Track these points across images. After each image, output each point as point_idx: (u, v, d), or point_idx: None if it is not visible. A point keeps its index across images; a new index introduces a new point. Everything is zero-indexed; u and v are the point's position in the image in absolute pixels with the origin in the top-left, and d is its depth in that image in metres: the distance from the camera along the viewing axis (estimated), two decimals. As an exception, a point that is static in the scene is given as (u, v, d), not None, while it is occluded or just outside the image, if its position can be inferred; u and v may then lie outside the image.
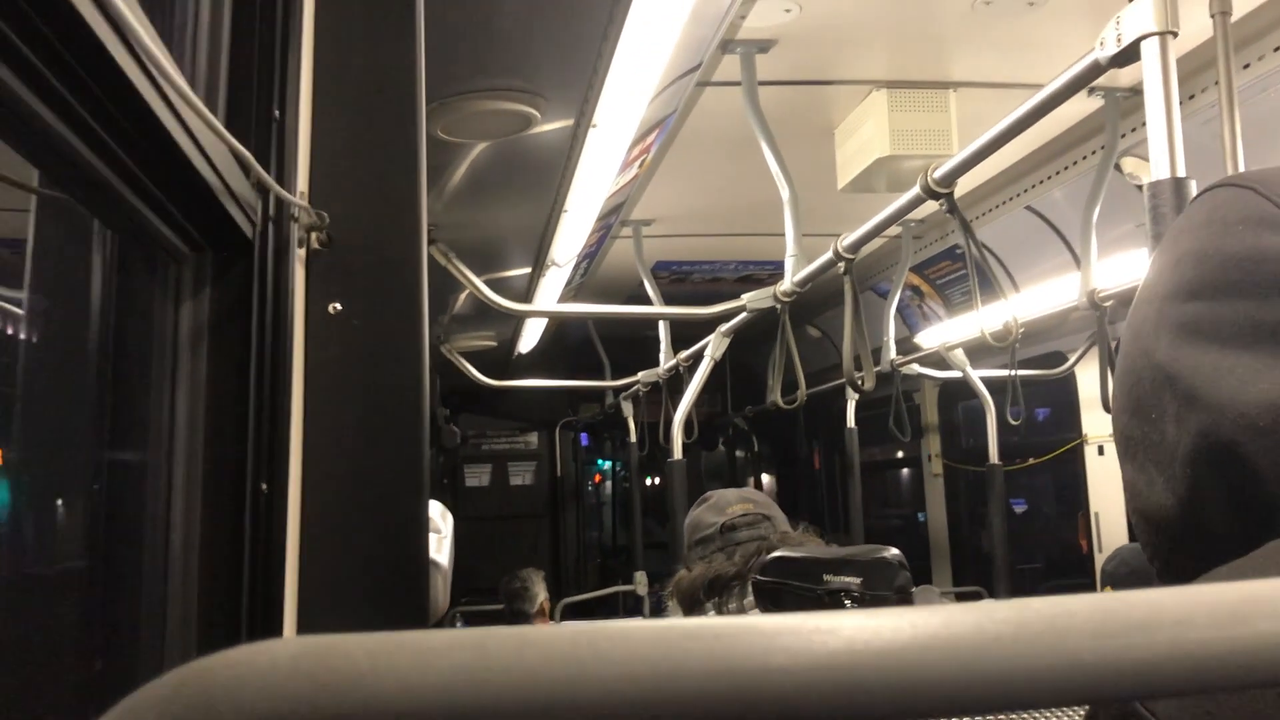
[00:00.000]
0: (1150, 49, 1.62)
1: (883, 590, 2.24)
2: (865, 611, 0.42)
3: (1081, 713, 1.68)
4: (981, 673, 0.41)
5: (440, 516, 2.06)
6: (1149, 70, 1.63)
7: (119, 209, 0.94)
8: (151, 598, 1.08)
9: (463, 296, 4.25)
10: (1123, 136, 3.30)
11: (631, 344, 5.87)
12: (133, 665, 1.09)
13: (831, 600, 2.19)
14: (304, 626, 1.21)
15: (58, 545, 1.13)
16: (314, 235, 1.23)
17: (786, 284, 3.10)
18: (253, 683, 0.40)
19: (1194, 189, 1.58)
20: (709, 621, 0.41)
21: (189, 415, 1.07)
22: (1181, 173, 1.60)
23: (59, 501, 1.13)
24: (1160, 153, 1.61)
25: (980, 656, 0.41)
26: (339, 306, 1.26)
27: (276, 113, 1.15)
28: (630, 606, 6.47)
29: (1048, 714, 1.66)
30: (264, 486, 1.11)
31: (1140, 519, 0.76)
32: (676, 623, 0.41)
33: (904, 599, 2.25)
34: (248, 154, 0.98)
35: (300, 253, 1.23)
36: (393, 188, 1.31)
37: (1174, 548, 0.74)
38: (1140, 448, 0.75)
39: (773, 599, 2.21)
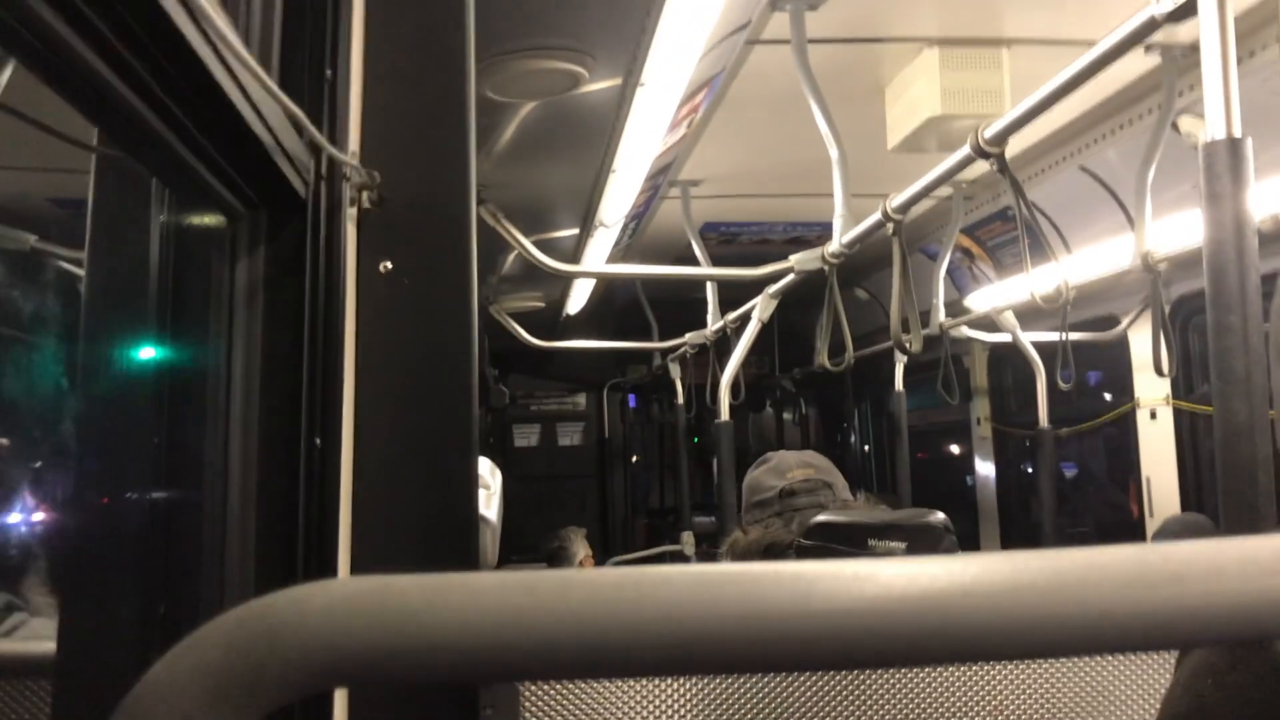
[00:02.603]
0: (1207, 3, 1.59)
1: (929, 555, 2.25)
2: (904, 559, 0.43)
3: (1158, 658, 1.68)
4: (1013, 620, 0.42)
5: (489, 473, 2.09)
6: (1206, 25, 1.60)
7: (175, 167, 0.96)
8: (211, 549, 1.11)
9: (511, 257, 4.27)
10: (1180, 95, 3.23)
11: (679, 306, 5.87)
12: (193, 613, 1.13)
13: (876, 564, 2.19)
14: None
15: (121, 498, 1.17)
16: (365, 194, 1.24)
17: (834, 245, 3.08)
18: (313, 618, 0.42)
19: (1250, 149, 1.55)
20: (749, 566, 0.43)
21: (245, 371, 1.10)
22: (1238, 133, 1.57)
23: (122, 455, 1.17)
24: (1216, 112, 1.59)
25: (1012, 605, 0.42)
26: (389, 265, 1.28)
27: (329, 73, 1.17)
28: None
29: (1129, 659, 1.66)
30: (318, 441, 1.13)
31: None
32: (717, 568, 0.43)
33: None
34: (300, 113, 1.00)
35: (352, 212, 1.25)
36: (443, 147, 1.32)
37: None
38: None
39: (817, 562, 2.22)
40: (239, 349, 1.11)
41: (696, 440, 7.62)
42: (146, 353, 1.16)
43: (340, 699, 1.20)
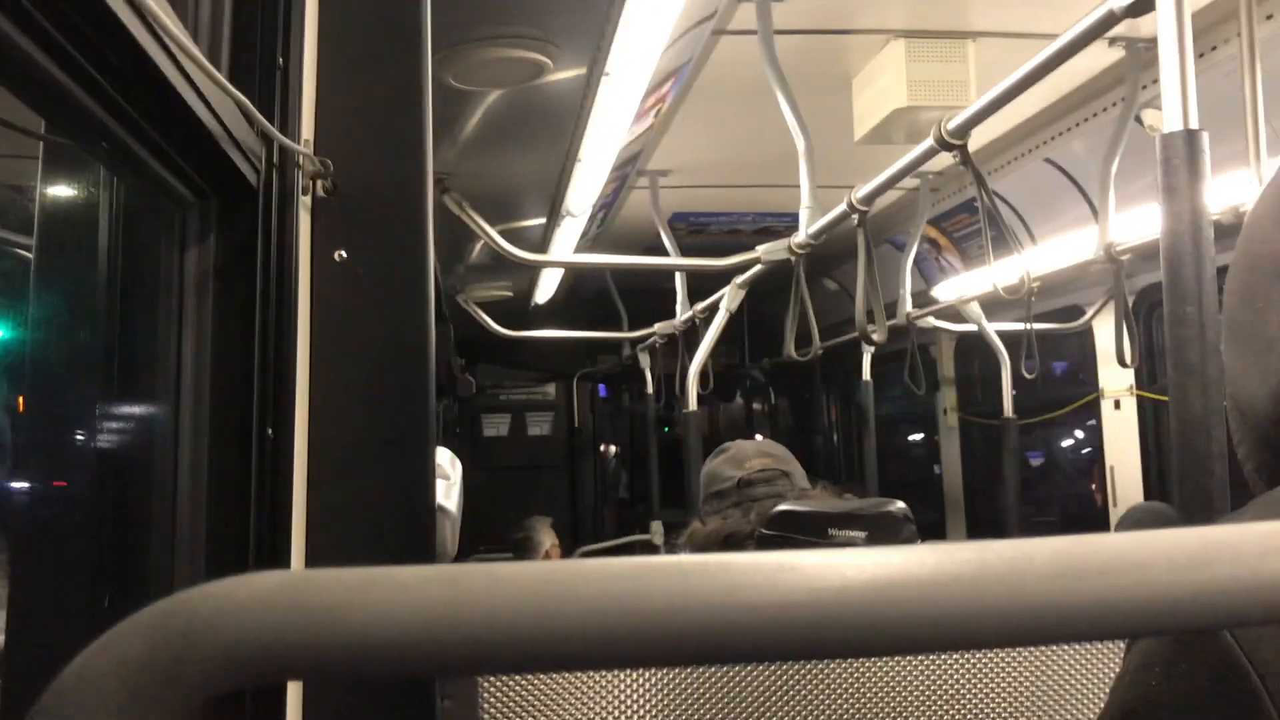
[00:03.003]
0: (1165, -3, 1.61)
1: (888, 544, 2.26)
2: (832, 551, 0.43)
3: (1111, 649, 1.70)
4: (938, 613, 0.41)
5: (449, 464, 2.08)
6: (1163, 17, 1.61)
7: (122, 156, 0.95)
8: (160, 542, 1.10)
9: (478, 246, 4.25)
10: (1144, 88, 3.25)
11: (649, 296, 5.87)
12: (140, 607, 1.11)
13: (837, 554, 2.20)
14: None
15: (68, 490, 1.15)
16: (319, 183, 1.23)
17: (801, 236, 3.09)
18: (232, 613, 0.41)
19: (1206, 142, 1.57)
20: (678, 559, 0.42)
21: (195, 360, 1.09)
22: (1195, 125, 1.58)
23: (69, 447, 1.15)
24: (1173, 104, 1.60)
25: (938, 597, 0.41)
26: (344, 254, 1.27)
27: (280, 60, 1.16)
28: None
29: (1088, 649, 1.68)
30: (270, 432, 1.12)
31: (1233, 407, 0.77)
32: (648, 561, 0.42)
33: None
34: (249, 103, 0.99)
35: (306, 200, 1.23)
36: (399, 135, 1.31)
37: (1259, 442, 0.75)
38: (1243, 334, 0.76)
39: (778, 553, 2.22)
40: (189, 338, 1.10)
41: (667, 430, 7.64)
42: (95, 342, 1.15)
43: (294, 691, 1.19)
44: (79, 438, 1.15)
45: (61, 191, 1.17)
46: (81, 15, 0.74)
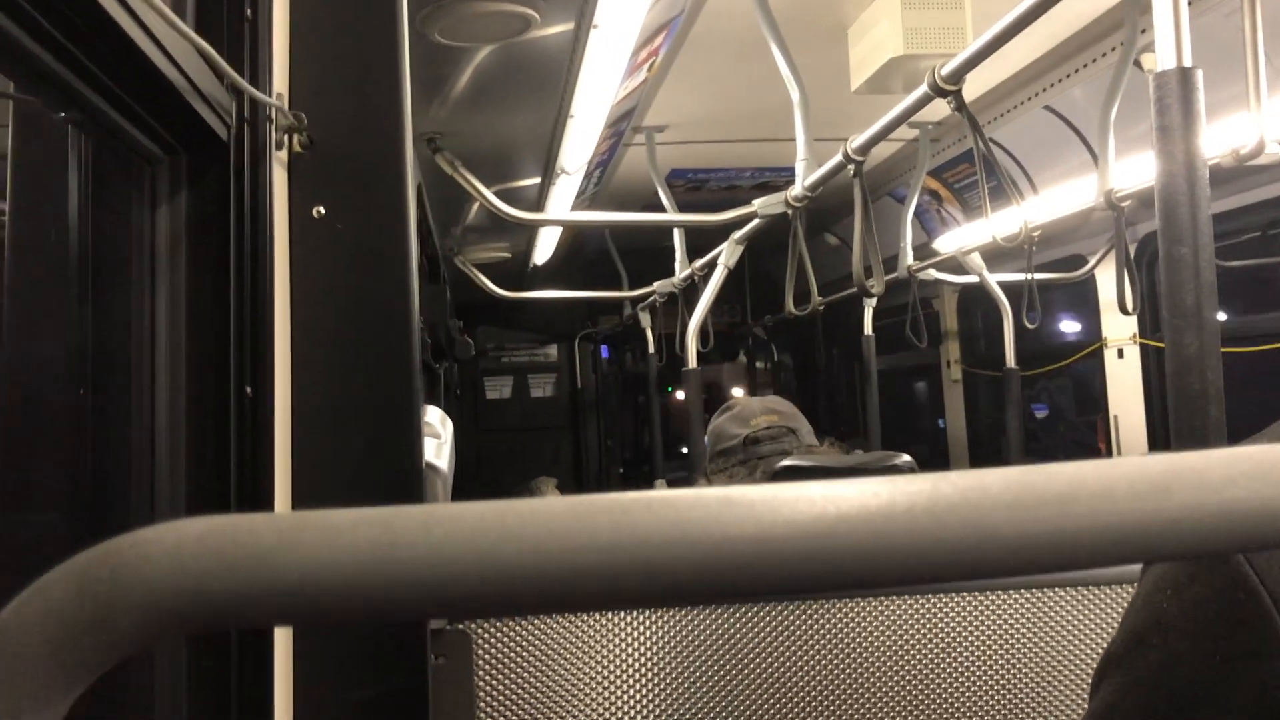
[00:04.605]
0: (1158, -69, 1.57)
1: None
2: (781, 486, 0.41)
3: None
4: (892, 547, 0.40)
5: (440, 422, 2.07)
6: (1157, -45, 1.57)
7: (84, 112, 0.93)
8: (139, 503, 1.09)
9: (475, 207, 4.23)
10: (1143, 32, 3.20)
11: (649, 255, 5.84)
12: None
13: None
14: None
15: (46, 452, 1.14)
16: (294, 138, 1.21)
17: (797, 189, 3.06)
18: (159, 560, 0.40)
19: (1200, 80, 1.54)
20: (617, 496, 0.41)
21: (169, 319, 1.08)
22: (1188, 62, 1.55)
23: (46, 409, 1.14)
24: (1166, 42, 1.57)
25: (891, 530, 0.40)
26: (322, 210, 1.25)
27: (249, 11, 1.13)
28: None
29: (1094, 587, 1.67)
30: (248, 390, 1.11)
31: None
32: (586, 499, 0.41)
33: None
34: (214, 53, 0.97)
35: (281, 155, 1.21)
36: (375, 87, 1.29)
37: None
38: None
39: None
40: (163, 297, 1.08)
41: (670, 389, 7.63)
42: (70, 303, 1.13)
43: (282, 639, 1.18)
44: (58, 399, 1.14)
45: (33, 151, 1.15)
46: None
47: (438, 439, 1.76)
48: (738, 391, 8.24)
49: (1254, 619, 0.66)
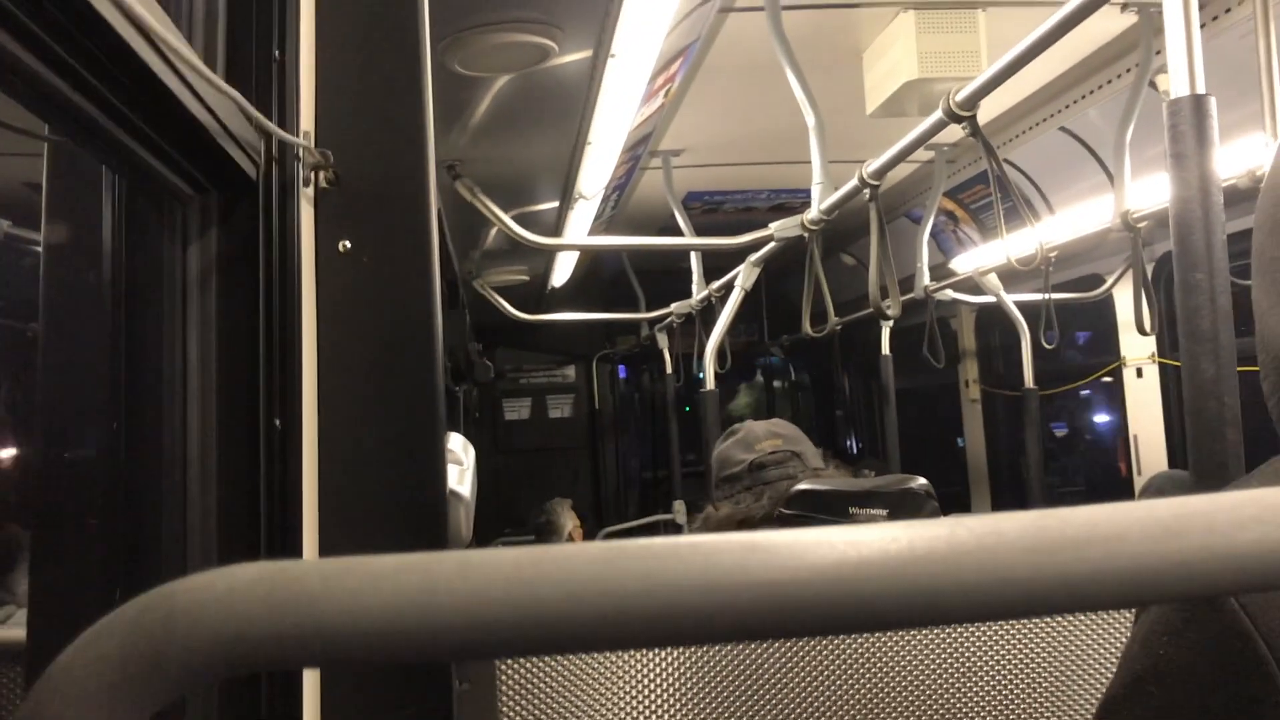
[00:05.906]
0: (1170, -42, 1.59)
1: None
2: (802, 531, 0.43)
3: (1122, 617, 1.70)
4: (911, 590, 0.42)
5: (462, 449, 2.09)
6: (1169, -18, 1.59)
7: (119, 155, 0.95)
8: (171, 536, 1.11)
9: (493, 232, 4.26)
10: (1157, 53, 3.22)
11: (666, 276, 5.87)
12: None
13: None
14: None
15: (80, 486, 1.17)
16: (321, 174, 1.24)
17: (813, 212, 3.08)
18: (211, 606, 0.42)
19: (1214, 107, 1.55)
20: (644, 542, 0.43)
21: (200, 353, 1.10)
22: (1201, 89, 1.57)
23: (80, 443, 1.17)
24: (1179, 68, 1.58)
25: (910, 574, 0.42)
26: (349, 244, 1.27)
27: (277, 53, 1.16)
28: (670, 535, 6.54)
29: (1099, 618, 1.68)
30: (277, 423, 1.13)
31: (1260, 344, 0.76)
32: (615, 544, 0.43)
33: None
34: (243, 99, 0.99)
35: (308, 191, 1.24)
36: (399, 123, 1.31)
37: None
38: (1270, 268, 0.75)
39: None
40: (194, 332, 1.11)
41: (688, 410, 7.64)
42: (103, 338, 1.16)
43: (310, 675, 1.20)
44: (92, 435, 1.16)
45: (66, 190, 1.18)
46: (73, 22, 0.75)
47: (460, 465, 1.77)
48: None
49: (1250, 665, 0.67)
